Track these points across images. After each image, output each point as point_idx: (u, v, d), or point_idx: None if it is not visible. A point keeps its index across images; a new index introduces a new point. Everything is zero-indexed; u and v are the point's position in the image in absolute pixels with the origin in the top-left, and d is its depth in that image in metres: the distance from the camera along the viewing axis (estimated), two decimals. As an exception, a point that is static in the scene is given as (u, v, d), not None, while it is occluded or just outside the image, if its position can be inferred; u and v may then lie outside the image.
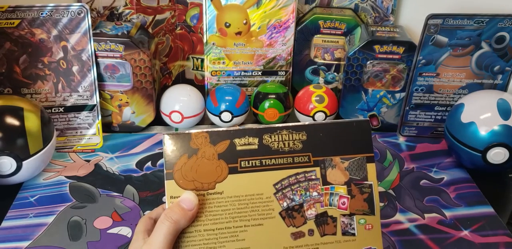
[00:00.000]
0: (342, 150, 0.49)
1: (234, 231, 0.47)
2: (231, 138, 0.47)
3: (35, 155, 0.69)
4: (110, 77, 0.82)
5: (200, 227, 0.47)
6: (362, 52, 0.82)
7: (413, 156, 0.82)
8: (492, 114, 0.73)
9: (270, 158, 0.48)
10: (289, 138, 0.48)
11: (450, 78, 0.82)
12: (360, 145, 0.49)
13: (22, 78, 0.78)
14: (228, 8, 0.85)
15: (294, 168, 0.48)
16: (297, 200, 0.48)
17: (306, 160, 0.48)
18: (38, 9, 0.74)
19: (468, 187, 0.75)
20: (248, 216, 0.47)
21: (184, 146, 0.47)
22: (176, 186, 0.47)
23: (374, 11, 0.91)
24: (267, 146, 0.48)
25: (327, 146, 0.49)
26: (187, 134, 0.47)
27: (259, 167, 0.48)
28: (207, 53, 0.88)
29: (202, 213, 0.47)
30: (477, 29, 0.78)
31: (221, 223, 0.47)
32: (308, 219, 0.48)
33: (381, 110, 0.87)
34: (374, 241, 0.50)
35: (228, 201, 0.47)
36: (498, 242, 0.64)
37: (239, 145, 0.47)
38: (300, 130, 0.48)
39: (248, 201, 0.47)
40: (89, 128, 0.82)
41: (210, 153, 0.47)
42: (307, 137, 0.48)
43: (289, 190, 0.48)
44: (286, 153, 0.48)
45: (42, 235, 0.63)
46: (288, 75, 0.92)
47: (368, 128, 0.50)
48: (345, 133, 0.49)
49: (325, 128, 0.49)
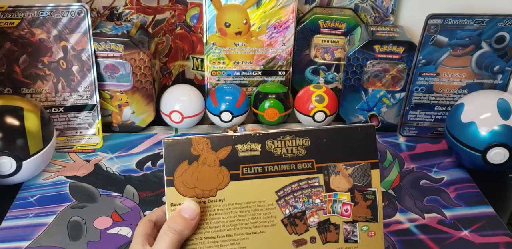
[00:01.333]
0: (346, 156, 0.48)
1: (235, 238, 0.47)
2: (233, 144, 0.47)
3: (35, 155, 0.69)
4: (110, 77, 0.82)
5: (201, 235, 0.46)
6: (362, 52, 0.82)
7: (413, 156, 0.82)
8: (492, 114, 0.73)
9: (273, 164, 0.47)
10: (292, 143, 0.47)
11: (450, 78, 0.82)
12: (364, 150, 0.49)
13: (22, 78, 0.77)
14: (228, 8, 0.84)
15: (297, 174, 0.48)
16: (300, 207, 0.48)
17: (310, 167, 0.48)
18: (38, 9, 0.74)
19: (468, 187, 0.75)
20: (250, 223, 0.47)
21: (185, 152, 0.46)
22: (177, 193, 0.46)
23: (374, 11, 0.91)
24: (269, 152, 0.47)
25: (331, 152, 0.48)
26: (187, 140, 0.46)
27: (261, 174, 0.47)
28: (207, 53, 0.88)
29: (203, 220, 0.46)
30: (477, 29, 0.78)
31: (222, 230, 0.47)
32: (310, 226, 0.48)
33: (381, 110, 0.87)
34: (376, 248, 0.49)
35: (230, 209, 0.47)
36: (498, 242, 0.64)
37: (241, 151, 0.47)
38: (304, 135, 0.48)
39: (250, 209, 0.47)
40: (89, 128, 0.82)
41: (211, 159, 0.46)
42: (310, 143, 0.48)
43: (292, 197, 0.48)
44: (289, 159, 0.47)
45: (42, 235, 0.63)
46: (288, 75, 0.92)
47: (373, 133, 0.49)
48: (349, 139, 0.48)
49: (329, 134, 0.48)
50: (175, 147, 0.46)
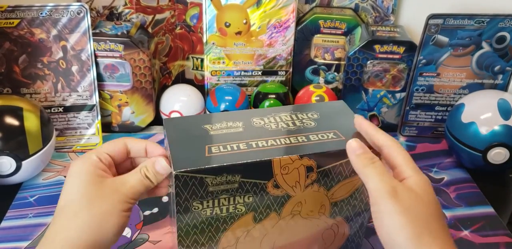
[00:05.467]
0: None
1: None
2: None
3: (35, 155, 0.68)
4: (109, 77, 0.82)
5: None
6: (363, 52, 0.82)
7: (414, 156, 0.81)
8: (492, 114, 0.73)
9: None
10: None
11: (451, 78, 0.82)
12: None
13: (22, 78, 0.77)
14: (228, 8, 0.84)
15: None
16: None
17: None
18: (38, 9, 0.74)
19: (468, 187, 0.75)
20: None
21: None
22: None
23: (375, 10, 0.91)
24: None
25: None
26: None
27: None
28: (207, 53, 0.88)
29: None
30: (477, 29, 0.78)
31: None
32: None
33: (382, 110, 0.87)
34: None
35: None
36: (498, 243, 0.64)
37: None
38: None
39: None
40: (89, 128, 0.82)
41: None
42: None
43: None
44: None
45: (41, 235, 0.63)
46: (288, 75, 0.92)
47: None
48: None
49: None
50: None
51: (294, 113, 0.50)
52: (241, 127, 0.48)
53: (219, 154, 0.44)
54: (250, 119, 0.49)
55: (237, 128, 0.47)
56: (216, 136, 0.46)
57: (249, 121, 0.48)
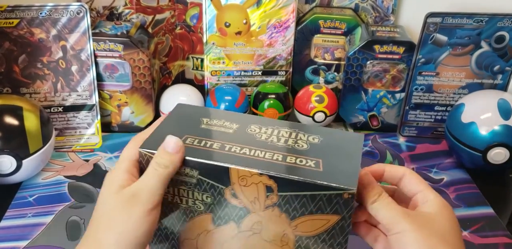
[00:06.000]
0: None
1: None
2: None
3: (35, 154, 0.69)
4: (109, 77, 0.82)
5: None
6: (362, 52, 0.82)
7: (413, 156, 0.82)
8: (492, 114, 0.72)
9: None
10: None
11: (450, 77, 0.82)
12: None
13: (21, 77, 0.77)
14: (228, 8, 0.84)
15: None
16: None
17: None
18: (37, 8, 0.74)
19: (468, 187, 0.74)
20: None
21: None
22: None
23: (375, 10, 0.91)
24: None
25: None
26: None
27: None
28: (207, 53, 0.88)
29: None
30: (476, 28, 0.78)
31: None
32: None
33: (381, 110, 0.87)
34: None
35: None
36: (498, 243, 0.64)
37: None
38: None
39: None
40: (88, 127, 0.82)
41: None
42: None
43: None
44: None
45: (40, 234, 0.63)
46: (288, 75, 0.92)
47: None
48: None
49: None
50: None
51: (297, 132, 0.47)
52: (233, 129, 0.47)
53: (189, 146, 0.43)
54: (248, 125, 0.47)
55: (229, 129, 0.47)
56: (203, 130, 0.46)
57: (246, 126, 0.47)
